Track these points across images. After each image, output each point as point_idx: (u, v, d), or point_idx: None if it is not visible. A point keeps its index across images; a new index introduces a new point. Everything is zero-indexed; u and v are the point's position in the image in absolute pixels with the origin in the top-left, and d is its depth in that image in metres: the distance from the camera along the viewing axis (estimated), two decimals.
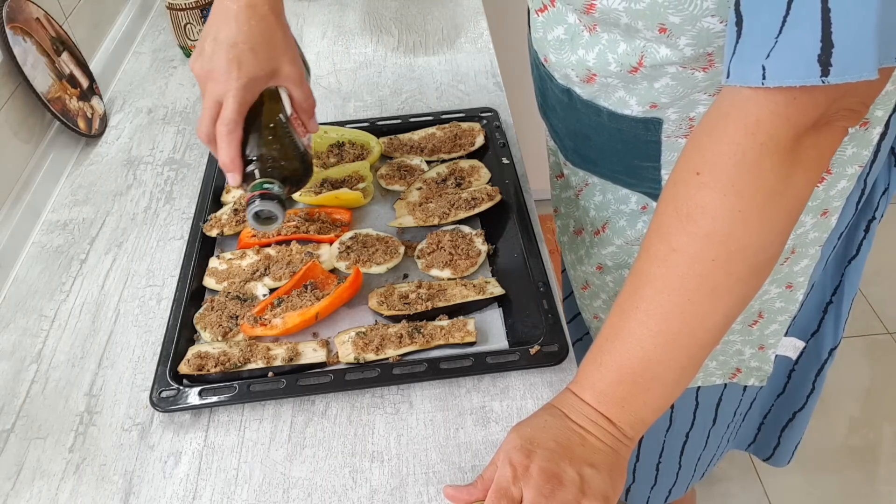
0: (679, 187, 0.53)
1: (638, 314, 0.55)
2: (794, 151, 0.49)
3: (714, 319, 0.54)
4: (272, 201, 0.69)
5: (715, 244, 0.51)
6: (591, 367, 0.58)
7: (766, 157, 0.49)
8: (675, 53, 0.61)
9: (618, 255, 0.87)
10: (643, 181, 0.77)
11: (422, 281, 0.81)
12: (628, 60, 0.64)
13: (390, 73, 1.19)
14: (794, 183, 0.50)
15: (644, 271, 0.55)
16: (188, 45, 1.25)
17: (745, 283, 0.54)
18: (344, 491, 0.64)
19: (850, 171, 0.73)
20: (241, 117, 0.70)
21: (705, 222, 0.51)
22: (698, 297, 0.53)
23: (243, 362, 0.72)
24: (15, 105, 0.97)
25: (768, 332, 0.88)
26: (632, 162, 0.76)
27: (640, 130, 0.71)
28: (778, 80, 0.46)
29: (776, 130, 0.48)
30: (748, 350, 0.91)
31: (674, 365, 0.55)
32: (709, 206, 0.51)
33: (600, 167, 0.81)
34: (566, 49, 0.70)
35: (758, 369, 0.93)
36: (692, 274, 0.52)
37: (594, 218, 0.87)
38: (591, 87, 0.71)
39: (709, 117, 0.52)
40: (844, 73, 0.44)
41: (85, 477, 0.67)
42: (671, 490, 1.13)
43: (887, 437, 1.70)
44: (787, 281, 0.82)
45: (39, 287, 0.86)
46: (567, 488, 0.54)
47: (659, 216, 0.55)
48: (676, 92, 0.65)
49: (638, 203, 0.80)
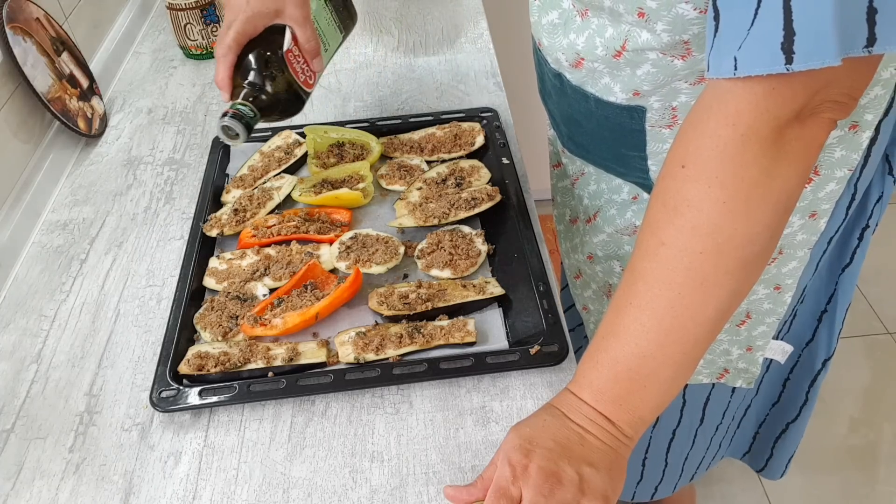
0: (667, 181, 0.54)
1: (631, 310, 0.55)
2: (776, 143, 0.50)
3: (705, 314, 0.54)
4: (238, 122, 0.77)
5: (702, 236, 0.52)
6: (588, 366, 0.58)
7: (748, 147, 0.50)
8: (654, 38, 0.62)
9: (608, 245, 0.87)
10: (632, 171, 0.78)
11: (422, 281, 0.81)
12: (613, 45, 0.66)
13: (390, 73, 1.19)
14: (779, 174, 0.51)
15: (636, 267, 0.56)
16: (188, 45, 1.25)
17: (735, 277, 0.54)
18: (344, 491, 0.64)
19: (839, 174, 0.73)
20: (237, 44, 0.79)
21: (692, 215, 0.52)
22: (688, 290, 0.53)
23: (243, 362, 0.72)
24: (15, 105, 0.97)
25: (756, 334, 0.89)
26: (620, 150, 0.76)
27: (625, 119, 0.72)
28: (747, 69, 0.47)
29: (755, 121, 0.49)
30: (736, 350, 0.91)
31: (668, 361, 0.56)
32: (694, 199, 0.52)
33: (593, 154, 0.82)
34: (559, 33, 0.72)
35: (745, 371, 0.93)
36: (681, 267, 0.53)
37: (587, 206, 0.88)
38: (580, 72, 0.72)
39: (694, 111, 0.53)
40: (807, 60, 0.45)
41: (85, 477, 0.67)
42: (657, 487, 1.13)
43: (887, 437, 1.70)
44: (775, 282, 0.83)
45: (39, 287, 0.86)
46: (566, 487, 0.54)
47: (650, 211, 0.56)
48: (657, 79, 0.66)
49: (629, 193, 0.81)
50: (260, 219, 0.89)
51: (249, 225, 0.88)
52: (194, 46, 1.25)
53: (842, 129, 0.70)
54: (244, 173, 0.97)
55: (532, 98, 0.89)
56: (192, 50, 1.25)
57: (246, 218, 0.89)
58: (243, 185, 0.95)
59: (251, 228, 0.87)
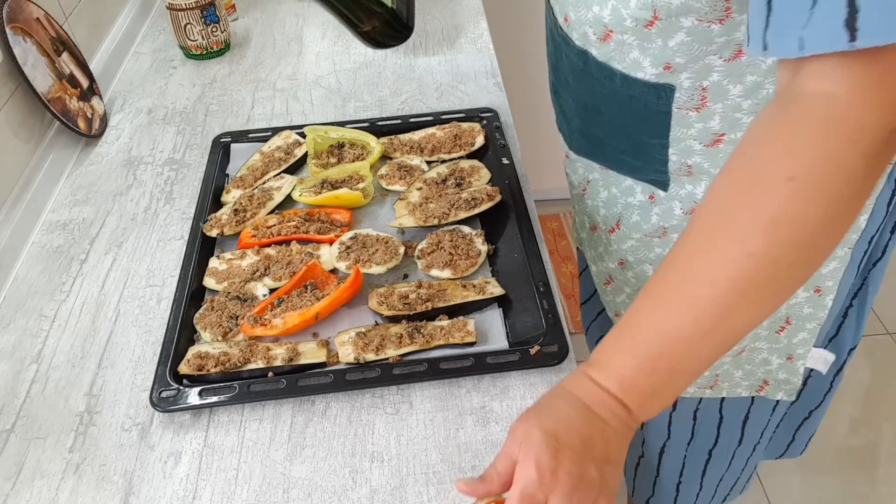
0: (762, 193, 0.51)
1: (692, 312, 0.52)
2: (882, 155, 0.48)
3: (761, 319, 0.53)
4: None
5: (797, 250, 0.50)
6: (618, 355, 0.55)
7: (866, 165, 0.48)
8: (690, 2, 0.60)
9: (638, 250, 0.85)
10: (650, 163, 0.75)
11: (422, 281, 0.81)
12: (642, 15, 0.64)
13: (390, 74, 1.19)
14: (867, 189, 0.49)
15: (703, 270, 0.52)
16: (188, 45, 1.25)
17: (800, 287, 0.53)
18: (344, 491, 0.64)
19: None
20: None
21: (795, 231, 0.49)
22: (762, 298, 0.52)
23: (243, 362, 0.72)
24: (15, 105, 0.97)
25: (797, 341, 0.86)
26: (640, 138, 0.74)
27: (651, 98, 0.70)
28: (812, 49, 0.46)
29: (875, 137, 0.47)
30: (776, 360, 0.88)
31: (710, 363, 0.54)
32: (800, 215, 0.49)
33: (607, 148, 0.79)
34: (582, 6, 0.70)
35: (786, 382, 0.90)
36: (765, 278, 0.51)
37: (606, 216, 0.86)
38: (607, 46, 0.70)
39: (800, 116, 0.50)
40: (872, 37, 0.43)
41: (85, 477, 0.67)
42: None
43: (887, 437, 1.70)
44: (815, 284, 0.80)
45: (39, 287, 0.86)
46: (589, 489, 0.52)
47: (734, 219, 0.52)
48: (691, 50, 0.64)
49: (644, 193, 0.79)
50: (260, 219, 0.89)
51: (249, 225, 0.88)
52: (194, 46, 1.25)
53: None
54: (244, 173, 0.97)
55: (532, 98, 0.89)
56: (192, 50, 1.26)
57: (246, 218, 0.89)
58: (243, 185, 0.95)
59: (251, 228, 0.87)
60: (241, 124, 1.11)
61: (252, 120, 1.11)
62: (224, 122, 1.11)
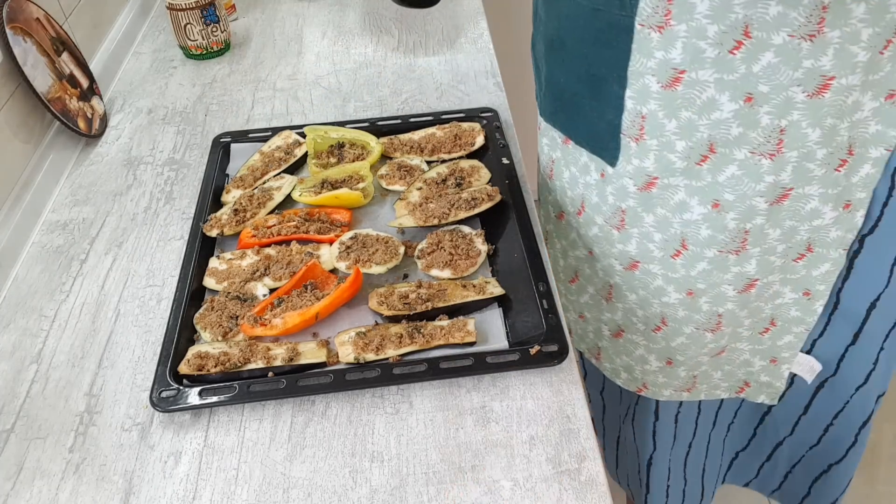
0: None
1: None
2: None
3: None
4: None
5: None
6: None
7: None
8: None
9: (600, 241, 0.84)
10: (606, 106, 0.72)
11: (422, 281, 0.81)
12: None
13: (390, 74, 1.19)
14: None
15: None
16: (188, 45, 1.25)
17: None
18: (344, 491, 0.64)
19: (875, 153, 0.66)
20: None
21: None
22: None
23: (243, 362, 0.72)
24: (15, 105, 0.97)
25: (782, 344, 0.83)
26: (599, 71, 0.71)
27: (614, 7, 0.66)
28: None
29: None
30: (758, 361, 0.86)
31: None
32: None
33: (565, 96, 0.77)
34: None
35: (769, 385, 0.88)
36: None
37: (572, 198, 0.85)
38: None
39: None
40: None
41: (85, 477, 0.67)
42: None
43: (887, 437, 1.70)
44: (804, 286, 0.77)
45: (39, 287, 0.86)
46: None
47: None
48: None
49: (597, 171, 0.78)
50: (260, 219, 0.89)
51: (249, 225, 0.88)
52: (194, 46, 1.25)
53: (877, 98, 0.62)
54: (244, 173, 0.97)
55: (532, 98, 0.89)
56: (192, 50, 1.26)
57: (246, 218, 0.89)
58: (243, 185, 0.95)
59: (251, 228, 0.87)
60: (241, 124, 1.11)
61: (252, 120, 1.11)
62: (224, 122, 1.11)
